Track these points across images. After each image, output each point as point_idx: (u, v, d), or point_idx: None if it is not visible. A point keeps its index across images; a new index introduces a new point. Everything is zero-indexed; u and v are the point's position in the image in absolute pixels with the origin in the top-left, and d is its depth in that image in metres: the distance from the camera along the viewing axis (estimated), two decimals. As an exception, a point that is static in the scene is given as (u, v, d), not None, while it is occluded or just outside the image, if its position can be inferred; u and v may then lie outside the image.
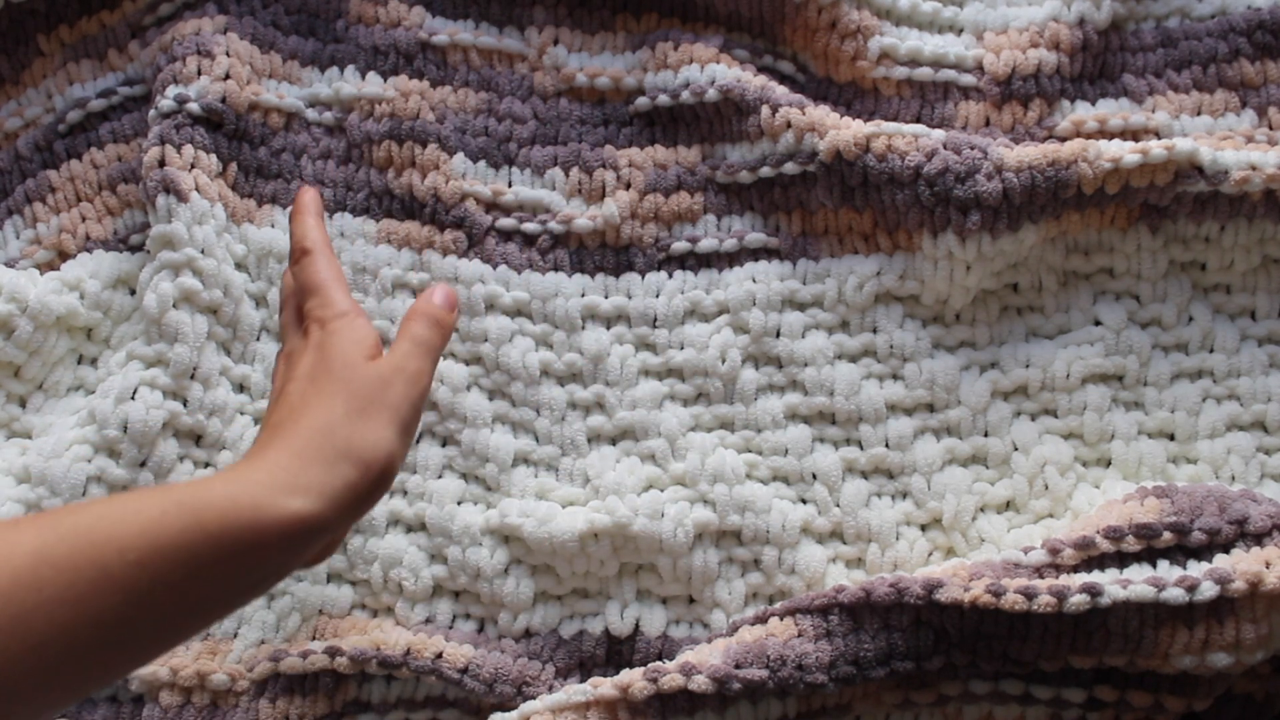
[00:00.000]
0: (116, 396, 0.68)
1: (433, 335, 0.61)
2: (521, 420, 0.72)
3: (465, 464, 0.71)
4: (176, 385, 0.69)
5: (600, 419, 0.72)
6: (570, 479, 0.71)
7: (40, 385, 0.73)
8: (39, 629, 0.43)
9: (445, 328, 0.62)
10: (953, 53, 0.76)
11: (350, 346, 0.59)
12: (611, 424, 0.72)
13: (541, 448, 0.72)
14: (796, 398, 0.72)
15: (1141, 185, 0.68)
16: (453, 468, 0.72)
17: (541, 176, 0.76)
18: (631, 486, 0.70)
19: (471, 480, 0.72)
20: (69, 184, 0.77)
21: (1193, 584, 0.58)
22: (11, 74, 0.80)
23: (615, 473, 0.70)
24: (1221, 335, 0.72)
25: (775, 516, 0.69)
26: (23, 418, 0.73)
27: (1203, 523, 0.62)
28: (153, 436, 0.68)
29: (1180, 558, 0.62)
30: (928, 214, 0.70)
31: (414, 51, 0.77)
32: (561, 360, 0.73)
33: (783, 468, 0.71)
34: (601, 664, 0.69)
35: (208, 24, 0.75)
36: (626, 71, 0.77)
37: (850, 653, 0.61)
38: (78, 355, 0.74)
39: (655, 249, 0.74)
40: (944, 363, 0.72)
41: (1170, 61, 0.76)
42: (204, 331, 0.70)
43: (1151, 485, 0.67)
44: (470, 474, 0.72)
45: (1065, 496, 0.70)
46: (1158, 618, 0.59)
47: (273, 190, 0.75)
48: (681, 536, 0.68)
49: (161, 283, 0.70)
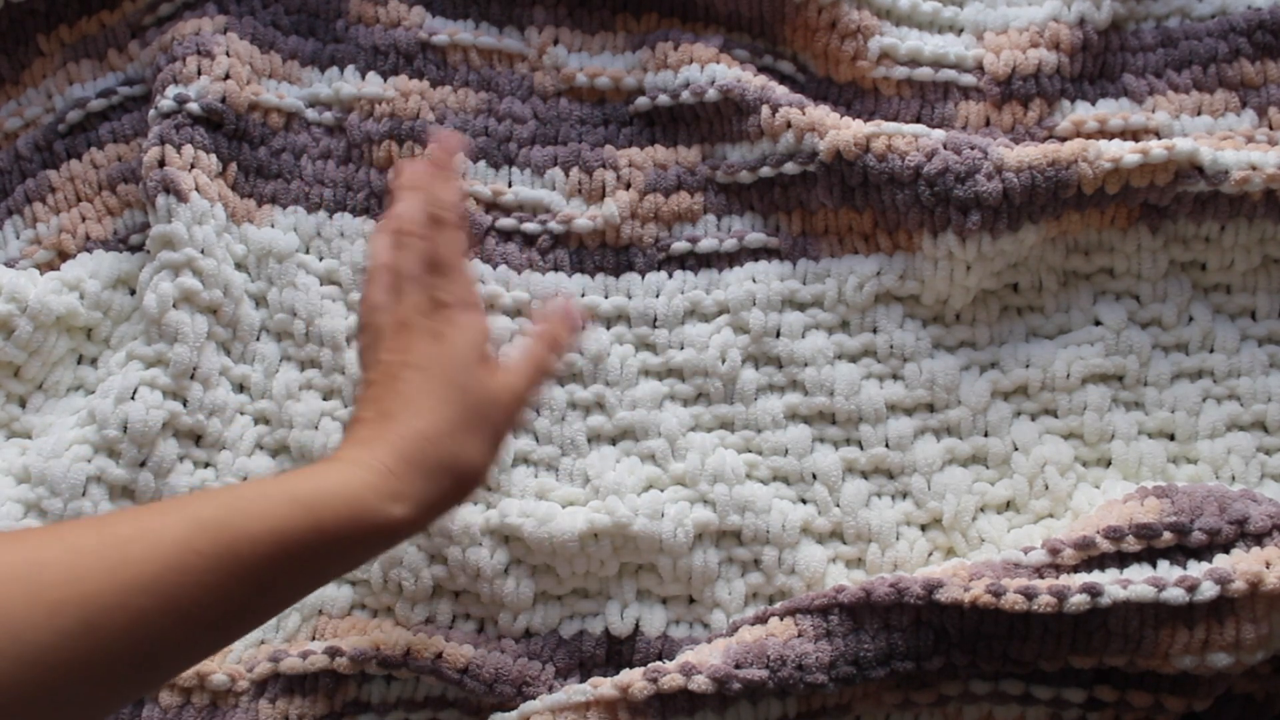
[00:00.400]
0: (116, 396, 0.68)
1: (551, 361, 0.63)
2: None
3: None
4: (176, 385, 0.70)
5: (600, 419, 0.72)
6: (570, 479, 0.71)
7: (40, 385, 0.73)
8: (185, 608, 0.47)
9: (564, 351, 0.64)
10: (953, 53, 0.76)
11: (471, 350, 0.59)
12: (611, 424, 0.72)
13: (541, 448, 0.72)
14: (796, 398, 0.72)
15: (1141, 185, 0.68)
16: None
17: (541, 176, 0.76)
18: (631, 486, 0.70)
19: None
20: (69, 184, 0.77)
21: (1193, 584, 0.58)
22: (11, 74, 0.80)
23: (615, 472, 0.70)
24: (1222, 335, 0.72)
25: (775, 516, 0.69)
26: (23, 418, 0.73)
27: (1203, 523, 0.62)
28: (152, 436, 0.68)
29: (1180, 558, 0.62)
30: (928, 214, 0.69)
31: (414, 51, 0.77)
32: (561, 360, 0.73)
33: (783, 468, 0.71)
34: (601, 664, 0.69)
35: (207, 24, 0.75)
36: (626, 71, 0.77)
37: (850, 653, 0.61)
38: (78, 355, 0.74)
39: (655, 249, 0.74)
40: (944, 363, 0.71)
41: (1170, 61, 0.76)
42: (204, 331, 0.70)
43: (1151, 485, 0.67)
44: None
45: (1065, 496, 0.70)
46: (1158, 618, 0.59)
47: (273, 190, 0.75)
48: (681, 536, 0.68)
49: (161, 283, 0.70)
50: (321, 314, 0.72)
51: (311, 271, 0.73)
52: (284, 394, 0.71)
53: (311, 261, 0.74)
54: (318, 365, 0.72)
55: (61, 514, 0.67)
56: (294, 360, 0.73)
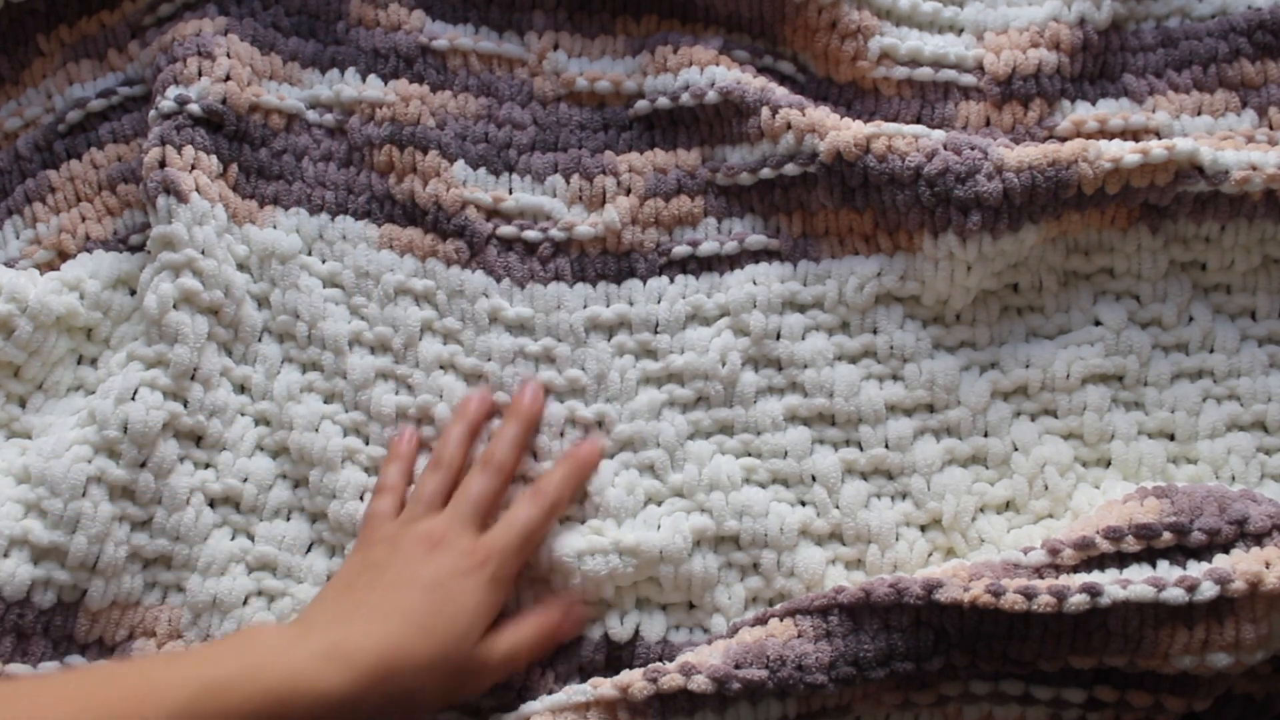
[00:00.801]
0: (117, 397, 0.68)
1: (561, 636, 0.68)
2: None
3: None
4: (177, 386, 0.70)
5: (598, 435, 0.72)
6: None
7: (40, 385, 0.73)
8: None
9: (576, 631, 0.69)
10: (953, 53, 0.76)
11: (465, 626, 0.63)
12: (610, 439, 0.72)
13: (540, 465, 0.71)
14: (796, 399, 0.72)
15: (1142, 185, 0.68)
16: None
17: (542, 183, 0.76)
18: (631, 508, 0.70)
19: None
20: (69, 184, 0.77)
21: (1193, 584, 0.58)
22: (11, 74, 0.80)
23: (615, 490, 0.70)
24: (1222, 335, 0.71)
25: (773, 520, 0.69)
26: (23, 418, 0.73)
27: (1203, 523, 0.61)
28: (153, 437, 0.68)
29: (1180, 558, 0.62)
30: (928, 214, 0.69)
31: (414, 55, 0.77)
32: (564, 376, 0.73)
33: (782, 470, 0.71)
34: (601, 669, 0.69)
35: (208, 25, 0.75)
36: (626, 75, 0.77)
37: (850, 653, 0.61)
38: (78, 355, 0.74)
39: (656, 254, 0.74)
40: (944, 363, 0.71)
41: (1170, 61, 0.76)
42: (204, 332, 0.70)
43: (1151, 485, 0.67)
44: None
45: (1065, 497, 0.70)
46: (1158, 618, 0.59)
47: (274, 191, 0.75)
48: (680, 543, 0.68)
49: (162, 284, 0.70)
50: (324, 317, 0.72)
51: (314, 274, 0.73)
52: (285, 396, 0.71)
53: (314, 264, 0.74)
54: (319, 368, 0.72)
55: (61, 514, 0.67)
56: (295, 362, 0.73)
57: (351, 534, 0.70)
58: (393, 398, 0.72)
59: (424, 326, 0.73)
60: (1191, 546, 0.62)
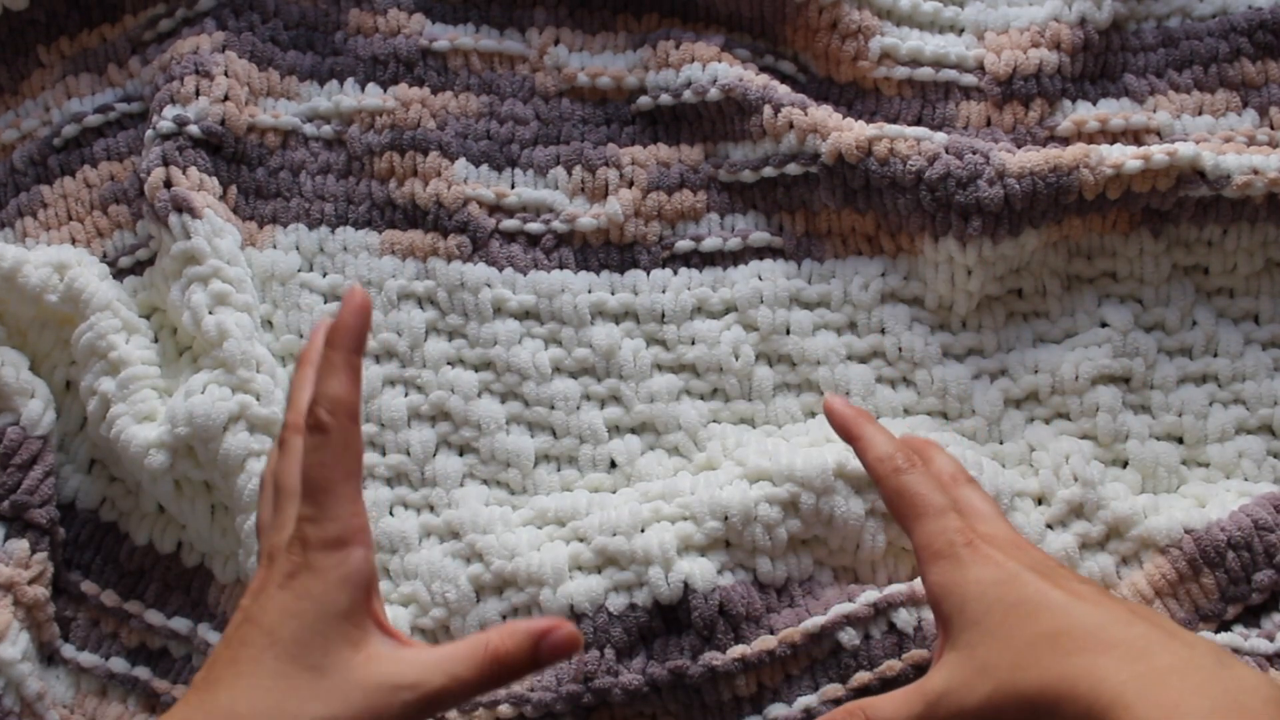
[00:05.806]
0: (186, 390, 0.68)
1: (520, 665, 0.49)
2: (536, 419, 0.72)
3: (486, 470, 0.71)
4: (240, 380, 0.68)
5: (618, 411, 0.72)
6: (594, 465, 0.71)
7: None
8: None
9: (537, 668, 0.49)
10: (954, 53, 0.75)
11: (329, 614, 0.47)
12: (629, 417, 0.72)
13: (560, 441, 0.71)
14: (812, 398, 0.72)
15: (1143, 190, 0.68)
16: (474, 475, 0.71)
17: (544, 176, 0.76)
18: (661, 475, 0.70)
19: (494, 485, 0.71)
20: (61, 201, 0.76)
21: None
22: (10, 84, 0.79)
23: (645, 459, 0.70)
24: (1225, 339, 0.72)
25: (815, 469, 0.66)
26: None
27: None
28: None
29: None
30: (929, 218, 0.70)
31: (414, 58, 0.76)
32: (572, 356, 0.73)
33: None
34: (663, 634, 0.66)
35: (206, 41, 0.75)
36: (628, 71, 0.77)
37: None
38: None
39: (659, 247, 0.74)
40: (954, 371, 0.71)
41: (1171, 61, 0.75)
42: (249, 325, 0.69)
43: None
44: (492, 480, 0.71)
45: (1095, 483, 0.68)
46: None
47: (272, 210, 0.75)
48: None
49: (193, 295, 0.69)
50: (326, 334, 0.72)
51: (315, 290, 0.73)
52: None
53: (315, 279, 0.74)
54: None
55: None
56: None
57: (378, 549, 0.69)
58: (402, 400, 0.72)
59: (429, 327, 0.73)
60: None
